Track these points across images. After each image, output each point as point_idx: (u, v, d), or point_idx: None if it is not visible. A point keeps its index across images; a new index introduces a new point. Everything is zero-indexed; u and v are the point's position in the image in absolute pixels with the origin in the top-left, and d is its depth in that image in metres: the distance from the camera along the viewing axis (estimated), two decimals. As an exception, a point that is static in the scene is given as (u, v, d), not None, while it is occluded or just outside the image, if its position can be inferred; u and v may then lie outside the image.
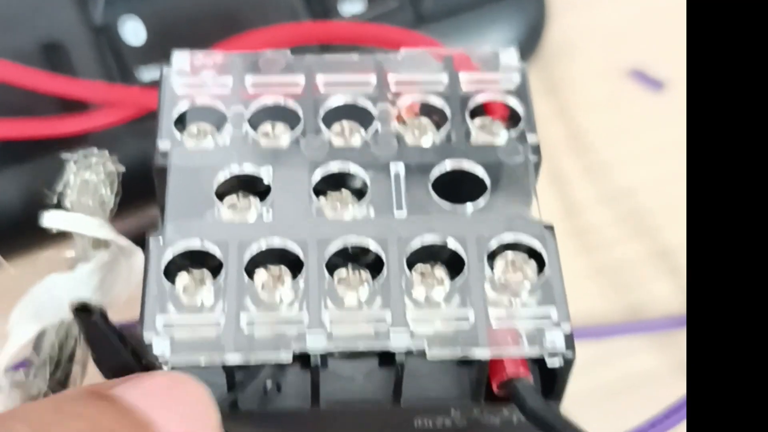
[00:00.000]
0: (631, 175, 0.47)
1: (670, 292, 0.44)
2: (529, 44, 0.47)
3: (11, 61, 0.41)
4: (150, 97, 0.37)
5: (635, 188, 0.46)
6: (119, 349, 0.26)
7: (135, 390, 0.24)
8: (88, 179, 0.31)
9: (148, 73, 0.44)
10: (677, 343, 0.43)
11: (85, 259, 0.30)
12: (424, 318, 0.28)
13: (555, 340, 0.27)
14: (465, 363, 0.28)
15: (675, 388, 0.37)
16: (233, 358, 0.27)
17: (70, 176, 0.31)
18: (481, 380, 0.28)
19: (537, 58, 0.49)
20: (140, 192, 0.34)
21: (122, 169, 0.31)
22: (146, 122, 0.36)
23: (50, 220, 0.30)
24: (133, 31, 0.45)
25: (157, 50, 0.44)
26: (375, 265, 0.29)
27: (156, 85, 0.33)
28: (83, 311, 0.27)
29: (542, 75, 0.49)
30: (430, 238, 0.29)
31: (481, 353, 0.27)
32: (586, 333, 0.44)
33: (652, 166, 0.47)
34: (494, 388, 0.28)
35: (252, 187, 0.30)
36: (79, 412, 0.23)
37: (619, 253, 0.45)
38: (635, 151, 0.47)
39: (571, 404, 0.29)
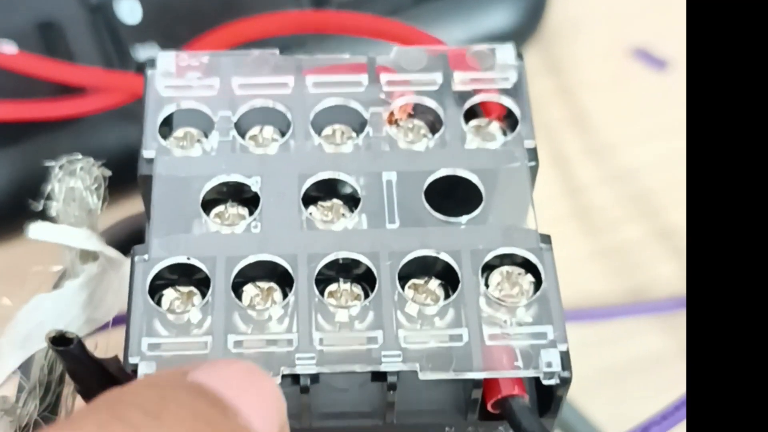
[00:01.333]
0: (634, 155, 0.46)
1: (673, 273, 0.44)
2: (531, 23, 0.47)
3: (8, 41, 0.41)
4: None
5: (638, 169, 0.46)
6: (100, 378, 0.26)
7: (216, 377, 0.23)
8: (73, 187, 0.30)
9: (144, 52, 0.44)
10: (681, 324, 0.43)
11: (73, 273, 0.29)
12: (417, 336, 0.27)
13: (551, 359, 0.27)
14: (459, 379, 0.28)
15: (680, 369, 0.37)
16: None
17: (55, 184, 0.30)
18: (476, 398, 0.27)
19: (539, 37, 0.48)
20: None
21: (108, 173, 0.31)
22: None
23: (36, 232, 0.29)
24: (129, 10, 0.45)
25: (154, 29, 0.44)
26: (367, 277, 0.28)
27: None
28: (60, 342, 0.26)
29: (544, 54, 0.48)
30: (423, 253, 0.28)
31: (475, 374, 0.27)
32: (589, 315, 0.43)
33: (655, 147, 0.46)
34: (488, 406, 0.27)
35: (240, 195, 0.30)
36: (179, 399, 0.22)
37: (622, 234, 0.45)
38: (638, 132, 0.47)
39: (576, 387, 0.29)
